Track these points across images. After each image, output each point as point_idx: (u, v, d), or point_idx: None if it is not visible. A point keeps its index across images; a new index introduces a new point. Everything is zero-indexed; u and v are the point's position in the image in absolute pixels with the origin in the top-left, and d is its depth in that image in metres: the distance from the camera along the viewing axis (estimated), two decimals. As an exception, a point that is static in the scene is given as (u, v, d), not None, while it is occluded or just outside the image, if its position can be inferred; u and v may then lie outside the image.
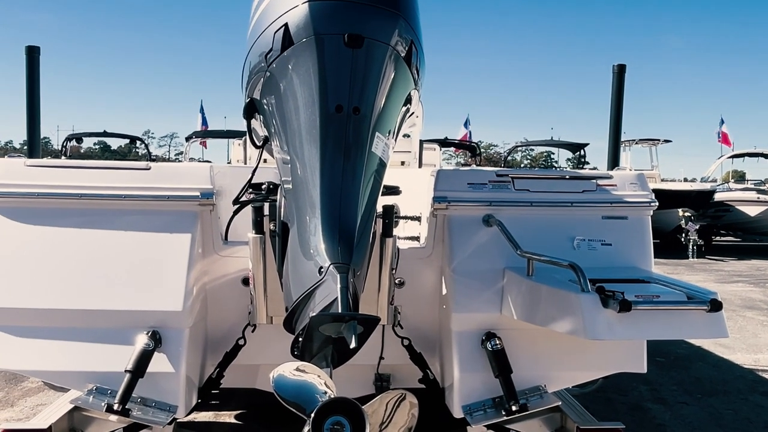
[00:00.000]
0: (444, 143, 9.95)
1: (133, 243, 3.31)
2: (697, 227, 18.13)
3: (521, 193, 3.61)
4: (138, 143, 17.12)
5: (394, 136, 2.61)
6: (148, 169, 3.51)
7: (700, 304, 2.73)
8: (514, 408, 3.18)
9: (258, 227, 3.04)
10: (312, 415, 1.94)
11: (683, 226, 18.11)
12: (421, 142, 6.50)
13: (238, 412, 5.03)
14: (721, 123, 29.18)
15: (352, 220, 2.22)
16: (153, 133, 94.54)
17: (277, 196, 2.77)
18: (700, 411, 5.41)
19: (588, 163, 18.60)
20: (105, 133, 17.48)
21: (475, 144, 13.27)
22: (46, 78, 6.22)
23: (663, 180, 23.89)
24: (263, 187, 3.02)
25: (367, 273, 2.62)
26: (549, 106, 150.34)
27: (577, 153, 16.42)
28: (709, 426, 5.08)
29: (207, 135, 20.29)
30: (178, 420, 3.25)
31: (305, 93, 2.36)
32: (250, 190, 3.08)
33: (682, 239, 18.14)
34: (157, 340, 3.16)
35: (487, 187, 3.61)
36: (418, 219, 3.92)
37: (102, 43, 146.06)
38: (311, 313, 2.07)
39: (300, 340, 2.15)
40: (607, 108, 7.32)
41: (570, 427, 3.52)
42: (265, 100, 2.66)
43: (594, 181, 3.73)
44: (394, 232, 3.12)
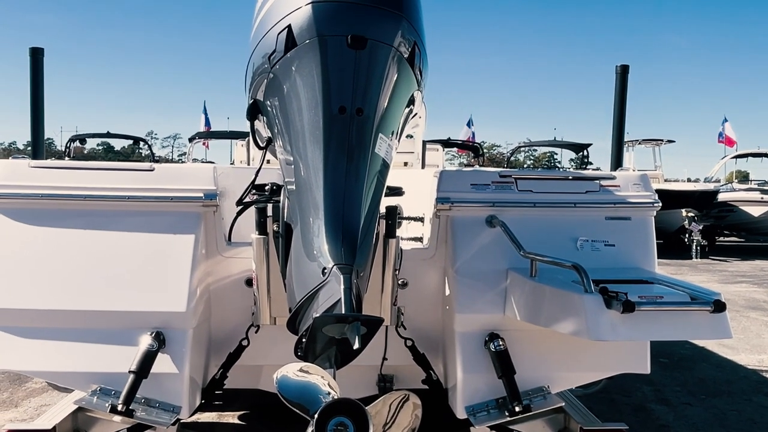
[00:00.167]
0: (447, 144, 9.97)
1: (136, 244, 3.31)
2: (700, 227, 18.10)
3: (524, 193, 3.61)
4: (141, 144, 17.18)
5: (397, 137, 2.61)
6: (152, 170, 3.52)
7: (704, 304, 2.73)
8: (517, 409, 3.18)
9: (261, 228, 3.04)
10: (315, 415, 1.94)
11: (687, 227, 18.09)
12: (424, 143, 6.50)
13: (242, 412, 5.04)
14: (724, 122, 29.10)
15: (355, 221, 2.22)
16: (156, 134, 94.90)
17: (281, 197, 2.77)
18: (704, 412, 5.40)
19: (591, 163, 18.59)
20: (108, 134, 17.51)
21: (478, 144, 13.25)
22: (49, 79, 6.22)
23: (666, 180, 23.90)
24: (267, 188, 3.03)
25: (371, 274, 2.63)
26: (552, 106, 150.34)
27: (580, 153, 16.41)
28: (713, 427, 5.07)
29: (210, 136, 20.28)
30: (182, 420, 3.25)
31: (308, 94, 2.36)
32: (254, 191, 3.08)
33: (686, 240, 18.12)
34: (160, 340, 3.17)
35: (490, 188, 3.61)
36: (421, 220, 3.92)
37: (105, 44, 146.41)
38: (315, 314, 2.07)
39: (303, 340, 2.15)
40: (610, 108, 7.31)
41: (573, 427, 3.52)
42: (268, 102, 2.66)
43: (597, 181, 3.73)
44: (397, 233, 3.12)
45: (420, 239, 3.93)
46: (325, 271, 2.11)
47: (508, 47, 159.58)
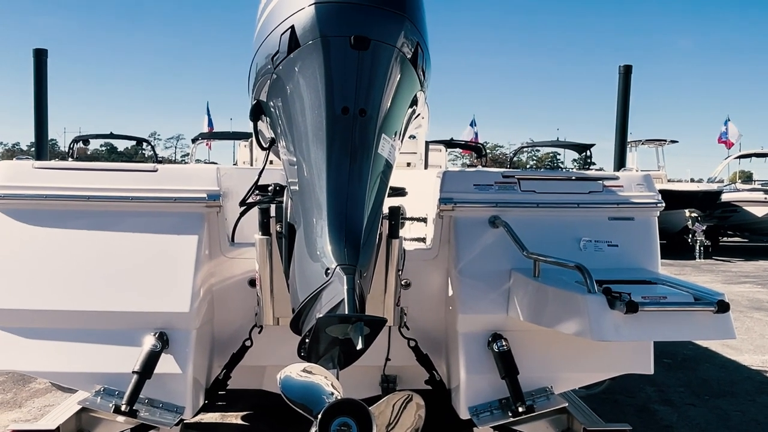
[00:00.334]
0: (450, 144, 9.94)
1: (140, 244, 3.32)
2: (703, 228, 18.07)
3: (527, 194, 3.61)
4: (144, 145, 17.19)
5: (400, 138, 2.61)
6: (155, 170, 3.52)
7: (707, 305, 2.73)
8: (520, 409, 3.18)
9: (264, 229, 3.05)
10: (319, 416, 1.95)
11: (690, 227, 18.05)
12: (427, 144, 6.50)
13: (245, 413, 5.04)
14: (726, 122, 29.02)
15: (358, 222, 2.22)
16: (159, 134, 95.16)
17: (284, 198, 2.78)
18: (708, 412, 5.38)
19: (594, 163, 18.62)
20: (112, 135, 17.52)
21: (481, 145, 13.25)
22: (52, 80, 6.24)
23: (669, 180, 23.87)
24: (270, 188, 3.03)
25: (374, 274, 2.63)
26: (555, 106, 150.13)
27: (584, 154, 16.38)
28: (716, 428, 5.06)
29: (213, 136, 20.30)
30: (185, 421, 3.26)
31: (311, 95, 2.37)
32: (257, 192, 3.09)
33: (689, 240, 18.08)
34: (164, 341, 3.18)
35: (493, 189, 3.61)
36: (425, 220, 3.92)
37: (108, 46, 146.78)
38: (318, 315, 2.07)
39: (307, 341, 2.16)
40: (613, 108, 7.29)
41: (577, 428, 3.51)
42: (271, 102, 2.66)
43: (600, 181, 3.73)
44: (401, 233, 3.13)
45: (423, 240, 3.93)
46: (329, 271, 2.11)
47: (511, 47, 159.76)
